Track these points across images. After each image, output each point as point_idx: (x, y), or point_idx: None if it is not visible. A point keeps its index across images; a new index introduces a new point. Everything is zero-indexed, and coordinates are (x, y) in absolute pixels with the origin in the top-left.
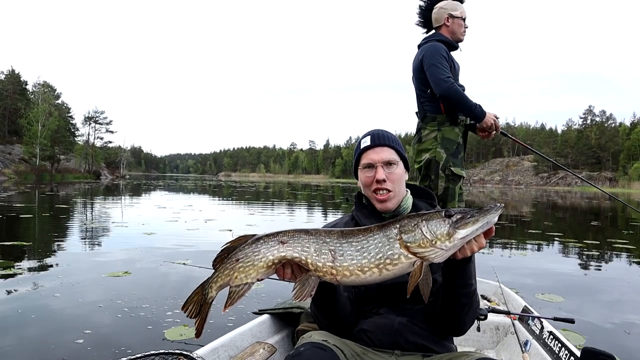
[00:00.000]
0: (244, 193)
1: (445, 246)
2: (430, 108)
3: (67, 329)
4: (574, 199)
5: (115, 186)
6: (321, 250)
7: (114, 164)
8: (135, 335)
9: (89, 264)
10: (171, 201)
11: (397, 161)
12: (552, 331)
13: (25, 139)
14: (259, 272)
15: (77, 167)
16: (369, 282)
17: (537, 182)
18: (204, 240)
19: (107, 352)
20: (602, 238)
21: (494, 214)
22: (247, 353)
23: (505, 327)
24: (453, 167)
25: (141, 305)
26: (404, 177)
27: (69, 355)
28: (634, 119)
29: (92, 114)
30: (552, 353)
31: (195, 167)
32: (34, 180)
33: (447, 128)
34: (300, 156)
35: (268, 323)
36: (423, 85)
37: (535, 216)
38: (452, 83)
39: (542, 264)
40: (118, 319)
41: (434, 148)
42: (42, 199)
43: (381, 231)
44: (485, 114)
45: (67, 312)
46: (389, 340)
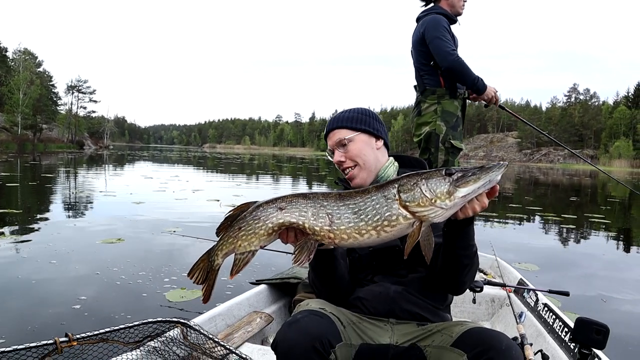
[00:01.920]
0: (230, 165)
1: (446, 205)
2: (430, 81)
3: (65, 296)
4: (556, 176)
5: (99, 156)
6: (318, 214)
7: (97, 134)
8: (134, 302)
9: (81, 231)
10: (157, 172)
11: (348, 138)
12: (546, 303)
13: (7, 107)
14: (261, 240)
15: (59, 137)
16: (368, 244)
17: (520, 159)
18: (192, 209)
19: (106, 318)
20: (580, 213)
21: (497, 172)
22: (245, 322)
23: (501, 299)
24: (453, 139)
25: (137, 272)
26: (366, 148)
27: (68, 321)
28: (617, 98)
29: (75, 83)
30: (546, 324)
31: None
32: (15, 150)
33: (447, 101)
34: (286, 129)
35: (265, 293)
36: (423, 59)
37: (517, 192)
38: (457, 55)
39: (521, 237)
40: (116, 285)
41: (434, 121)
42: (26, 168)
43: (379, 192)
44: (487, 86)
45: (64, 279)
46: (385, 309)
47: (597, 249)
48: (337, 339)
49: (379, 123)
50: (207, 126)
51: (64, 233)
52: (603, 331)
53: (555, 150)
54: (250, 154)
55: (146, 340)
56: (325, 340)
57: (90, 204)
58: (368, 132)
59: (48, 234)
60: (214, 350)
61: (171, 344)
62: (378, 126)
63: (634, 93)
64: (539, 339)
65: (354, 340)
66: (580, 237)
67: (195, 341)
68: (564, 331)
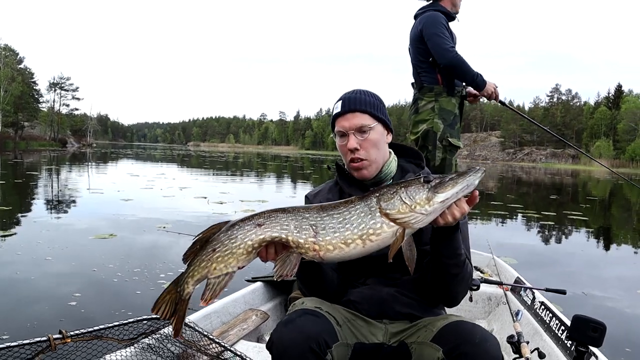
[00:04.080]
0: (215, 163)
1: (425, 210)
2: (428, 79)
3: (61, 292)
4: (538, 175)
5: (83, 154)
6: (302, 226)
7: (80, 132)
8: (130, 297)
9: (73, 227)
10: (143, 169)
11: (370, 126)
12: (543, 302)
13: None
14: (239, 260)
15: (42, 135)
16: (353, 255)
17: (503, 158)
18: (181, 206)
19: (102, 314)
20: (560, 211)
21: (473, 177)
22: (240, 319)
23: (497, 297)
24: (450, 137)
25: (132, 269)
26: (381, 141)
27: (65, 317)
28: (598, 99)
29: (58, 80)
30: (542, 322)
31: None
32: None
33: (445, 99)
34: (270, 127)
35: (261, 290)
36: (421, 56)
37: (499, 190)
38: (456, 52)
39: (502, 233)
40: (112, 282)
41: (432, 119)
42: (10, 165)
43: (362, 201)
44: (486, 82)
45: (62, 275)
46: (376, 311)
47: (576, 246)
48: (334, 339)
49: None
50: (191, 124)
51: (56, 229)
52: (600, 329)
53: (538, 150)
54: (234, 152)
55: (140, 338)
56: (322, 340)
57: (78, 201)
58: (385, 123)
59: (40, 231)
60: (208, 347)
61: (165, 341)
62: (387, 117)
63: (614, 94)
64: (536, 337)
65: (350, 339)
66: (560, 233)
67: (190, 338)
68: (561, 329)
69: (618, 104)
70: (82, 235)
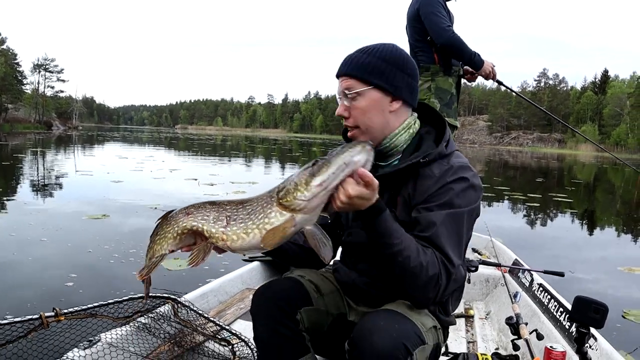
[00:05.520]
0: (203, 145)
1: (305, 196)
2: (424, 58)
3: (59, 273)
4: (525, 159)
5: (69, 137)
6: (219, 217)
7: (65, 115)
8: (127, 278)
9: (65, 209)
10: (131, 152)
11: (357, 91)
12: (541, 283)
13: None
14: (169, 244)
15: (26, 117)
16: (254, 245)
17: (490, 142)
18: (172, 188)
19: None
20: (545, 193)
21: (350, 153)
22: (237, 299)
23: (495, 279)
24: (447, 117)
25: (127, 250)
26: (376, 108)
27: (63, 297)
28: (585, 84)
29: (42, 62)
30: (541, 304)
31: (150, 119)
32: None
33: (441, 78)
34: (259, 110)
35: (258, 270)
36: (418, 35)
37: (487, 173)
38: (452, 32)
39: (489, 215)
40: (108, 263)
41: (428, 98)
42: None
43: (269, 191)
44: (484, 62)
45: (57, 256)
46: (353, 296)
47: (561, 228)
48: (306, 303)
49: (406, 75)
50: (179, 107)
51: (47, 211)
52: (602, 310)
53: (525, 134)
54: (222, 135)
55: (136, 316)
56: (291, 301)
57: (68, 183)
58: (383, 88)
59: (31, 212)
60: (205, 326)
61: (161, 321)
62: (399, 81)
63: (600, 79)
64: (534, 318)
65: (332, 309)
66: (545, 215)
67: (186, 317)
68: (559, 311)
69: (604, 89)
70: (75, 216)
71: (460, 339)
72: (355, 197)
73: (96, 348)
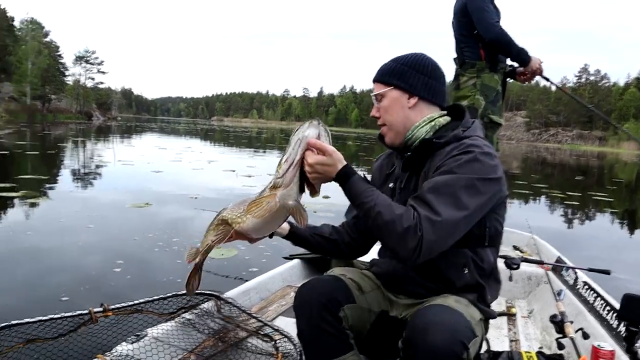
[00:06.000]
0: (239, 137)
1: (279, 174)
2: (470, 54)
3: (107, 259)
4: (563, 156)
5: (108, 127)
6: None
7: (105, 106)
8: (171, 266)
9: (109, 196)
10: (170, 143)
11: (381, 94)
12: (587, 282)
13: (15, 77)
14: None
15: (68, 108)
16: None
17: (528, 138)
18: (210, 179)
19: (147, 280)
20: (585, 192)
21: (301, 130)
22: (278, 296)
23: (538, 277)
24: (492, 114)
25: (171, 238)
26: (396, 105)
27: (112, 282)
28: (628, 80)
29: (83, 54)
30: (586, 303)
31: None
32: (25, 119)
33: (487, 75)
34: (294, 103)
35: (298, 268)
36: (464, 30)
37: (524, 170)
38: (500, 27)
39: (526, 212)
40: (153, 251)
41: (473, 95)
42: (40, 137)
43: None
44: (531, 58)
45: (105, 242)
46: (392, 286)
47: (601, 227)
48: (348, 301)
49: (423, 76)
50: (215, 99)
51: (92, 198)
52: None
53: (564, 131)
54: (258, 127)
55: (180, 312)
56: (333, 299)
57: (110, 172)
58: (400, 87)
59: (78, 199)
60: (247, 323)
61: (205, 317)
62: (415, 81)
63: None
64: (579, 317)
65: (374, 306)
66: (584, 214)
67: (229, 314)
68: (606, 309)
69: None
70: (119, 204)
71: (502, 337)
72: (317, 165)
73: (143, 342)
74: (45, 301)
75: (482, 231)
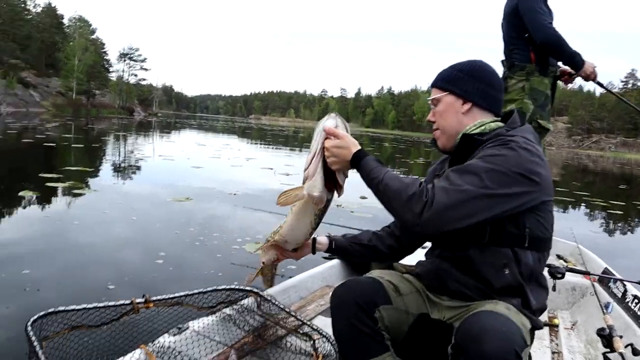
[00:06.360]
0: (277, 136)
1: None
2: (519, 56)
3: (150, 251)
4: (606, 164)
5: (149, 123)
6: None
7: (146, 102)
8: (212, 261)
9: (151, 190)
10: (208, 140)
11: (437, 99)
12: (637, 295)
13: (63, 72)
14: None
15: (111, 103)
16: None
17: (569, 145)
18: (249, 176)
19: (188, 274)
20: (629, 201)
21: (321, 122)
22: (317, 295)
23: (583, 288)
24: (540, 119)
25: (211, 233)
26: (449, 110)
27: (155, 274)
28: None
29: (127, 51)
30: (636, 317)
31: (225, 108)
32: (71, 113)
33: (536, 78)
34: (331, 103)
35: (338, 268)
36: (514, 32)
37: (564, 177)
38: (554, 29)
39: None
40: (194, 245)
41: (521, 99)
42: (84, 131)
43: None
44: (585, 62)
45: (148, 235)
46: (434, 285)
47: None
48: (385, 302)
49: (479, 82)
50: (253, 97)
51: (135, 191)
52: None
53: (607, 138)
54: (294, 126)
55: (220, 307)
56: (369, 299)
57: (151, 166)
58: (454, 93)
59: (121, 192)
60: (287, 321)
61: (245, 313)
62: (469, 87)
63: None
64: (628, 331)
65: (414, 309)
66: (629, 224)
67: (268, 311)
68: None
69: None
70: (160, 198)
71: (544, 349)
72: (333, 148)
73: (185, 335)
74: (92, 291)
75: (521, 231)
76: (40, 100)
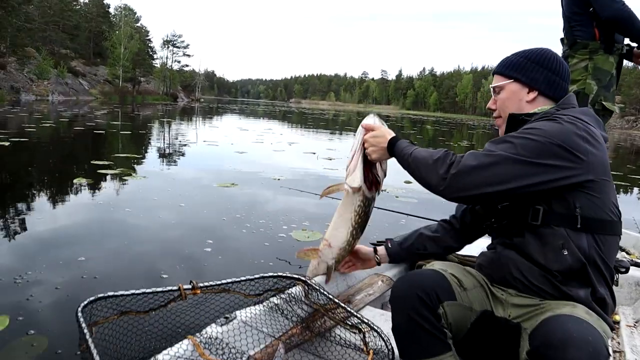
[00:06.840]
0: (318, 120)
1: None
2: (582, 33)
3: (198, 238)
4: None
5: (192, 108)
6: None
7: (189, 87)
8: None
9: (197, 175)
10: (250, 124)
11: (499, 86)
12: None
13: (109, 61)
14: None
15: (155, 90)
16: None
17: (622, 125)
18: (292, 160)
19: (235, 261)
20: None
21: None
22: (366, 284)
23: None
24: (604, 101)
25: (258, 220)
26: (512, 98)
27: (204, 261)
28: None
29: (171, 38)
30: None
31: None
32: (117, 101)
33: (601, 57)
34: (371, 85)
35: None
36: (577, 6)
37: (616, 160)
38: (623, 3)
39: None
40: (241, 232)
41: (584, 79)
42: (131, 117)
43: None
44: None
45: (196, 222)
46: (496, 276)
47: None
48: (449, 297)
49: (547, 70)
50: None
51: (181, 177)
52: None
53: None
54: (335, 110)
55: (267, 295)
56: (432, 293)
57: (196, 152)
58: (520, 81)
59: (168, 178)
60: (335, 311)
61: (292, 302)
62: (537, 75)
63: None
64: None
65: (477, 306)
66: None
67: (316, 300)
68: None
69: None
70: (206, 184)
71: None
72: (370, 138)
73: (232, 325)
74: (146, 279)
75: (571, 211)
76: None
